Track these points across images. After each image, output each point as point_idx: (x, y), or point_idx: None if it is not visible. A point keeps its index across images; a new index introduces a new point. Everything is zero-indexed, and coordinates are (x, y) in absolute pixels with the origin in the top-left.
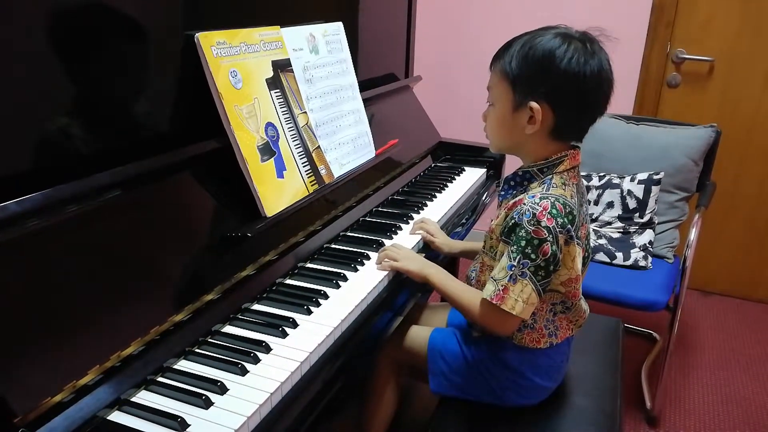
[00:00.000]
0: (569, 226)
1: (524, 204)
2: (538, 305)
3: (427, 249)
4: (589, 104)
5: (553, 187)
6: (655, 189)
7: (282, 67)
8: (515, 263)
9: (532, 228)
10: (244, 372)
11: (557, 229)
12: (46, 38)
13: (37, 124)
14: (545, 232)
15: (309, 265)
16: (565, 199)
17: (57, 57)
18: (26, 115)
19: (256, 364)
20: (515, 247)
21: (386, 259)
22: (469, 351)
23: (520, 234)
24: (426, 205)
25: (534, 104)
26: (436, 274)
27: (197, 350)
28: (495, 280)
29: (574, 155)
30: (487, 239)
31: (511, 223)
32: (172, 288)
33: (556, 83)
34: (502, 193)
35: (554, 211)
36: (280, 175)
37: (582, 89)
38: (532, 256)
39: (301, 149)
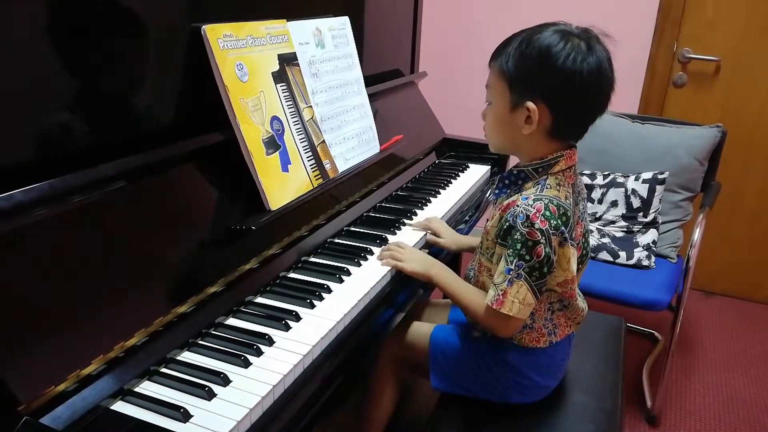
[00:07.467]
0: (563, 228)
1: (518, 206)
2: (536, 305)
3: (431, 245)
4: (587, 104)
5: (547, 188)
6: (659, 188)
7: (288, 60)
8: (512, 266)
9: (526, 230)
10: (247, 364)
11: (550, 231)
12: (52, 29)
13: (43, 114)
14: (539, 234)
15: (312, 259)
16: (559, 201)
17: (64, 48)
18: (32, 105)
19: (259, 356)
20: (511, 250)
21: (389, 259)
22: (470, 348)
23: (515, 237)
24: (430, 202)
25: (531, 104)
26: (441, 273)
27: (200, 342)
28: (495, 285)
29: (570, 155)
30: (483, 240)
31: (506, 226)
32: (176, 280)
33: (553, 83)
34: (497, 191)
35: (547, 213)
36: (285, 169)
37: (580, 88)
38: (527, 257)
39: (306, 143)
